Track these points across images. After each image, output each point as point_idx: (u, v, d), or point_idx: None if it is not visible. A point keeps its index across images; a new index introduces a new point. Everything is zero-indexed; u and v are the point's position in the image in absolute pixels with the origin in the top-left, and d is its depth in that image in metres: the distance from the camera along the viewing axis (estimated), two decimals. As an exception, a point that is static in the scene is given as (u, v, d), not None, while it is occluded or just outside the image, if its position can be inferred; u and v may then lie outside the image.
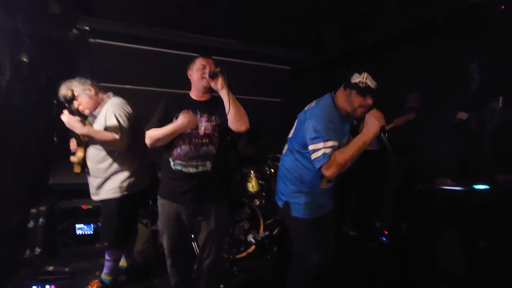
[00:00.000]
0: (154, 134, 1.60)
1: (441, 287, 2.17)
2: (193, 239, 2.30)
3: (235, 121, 1.58)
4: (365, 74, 1.53)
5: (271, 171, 3.02)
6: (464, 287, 2.05)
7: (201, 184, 1.65)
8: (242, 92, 3.60)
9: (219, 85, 1.56)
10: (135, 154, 1.98)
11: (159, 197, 1.74)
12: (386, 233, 2.99)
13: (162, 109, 1.66)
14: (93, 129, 1.84)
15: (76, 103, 1.86)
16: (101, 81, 2.52)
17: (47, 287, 2.09)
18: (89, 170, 1.95)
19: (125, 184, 1.93)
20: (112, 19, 2.88)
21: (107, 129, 1.83)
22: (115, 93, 2.04)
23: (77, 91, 1.86)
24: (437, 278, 2.22)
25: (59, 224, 2.49)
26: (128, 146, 1.89)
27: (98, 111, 1.93)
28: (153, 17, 2.96)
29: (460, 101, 2.34)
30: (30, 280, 2.17)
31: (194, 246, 2.33)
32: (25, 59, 2.34)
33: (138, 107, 2.04)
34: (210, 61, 1.69)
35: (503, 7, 2.01)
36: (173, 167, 1.65)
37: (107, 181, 1.92)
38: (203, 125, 1.64)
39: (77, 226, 2.53)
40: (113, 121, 1.84)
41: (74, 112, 1.76)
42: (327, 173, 1.49)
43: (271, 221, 2.81)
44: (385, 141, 1.48)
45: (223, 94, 1.57)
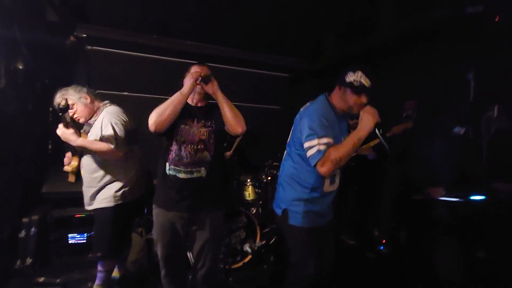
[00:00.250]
0: (158, 109, 1.55)
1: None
2: (188, 249, 2.26)
3: (231, 123, 1.59)
4: (360, 72, 1.53)
5: (268, 179, 2.99)
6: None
7: (196, 191, 1.63)
8: (240, 99, 3.61)
9: (212, 88, 1.57)
10: (131, 162, 1.96)
11: (154, 205, 1.71)
12: (384, 241, 2.97)
13: None
14: (88, 140, 1.82)
15: (71, 112, 1.85)
16: (98, 88, 2.52)
17: (38, 299, 2.04)
18: (83, 179, 1.92)
19: (120, 193, 1.90)
20: (109, 26, 2.88)
21: (103, 138, 1.81)
22: (113, 100, 2.03)
23: (73, 99, 1.85)
24: (436, 287, 2.18)
25: (52, 233, 2.45)
26: (124, 154, 1.87)
27: (94, 120, 1.91)
28: (151, 25, 2.97)
29: (457, 110, 2.36)
30: (20, 291, 2.12)
31: (189, 255, 2.29)
32: (21, 66, 2.33)
33: (135, 115, 2.02)
34: (204, 68, 1.70)
35: (497, 19, 2.04)
36: (168, 172, 1.63)
37: (101, 191, 1.89)
38: (199, 130, 1.63)
39: (70, 235, 2.48)
40: (109, 130, 1.82)
41: (68, 122, 1.74)
42: (322, 169, 1.47)
43: (268, 230, 2.78)
44: (380, 137, 1.48)
45: (217, 97, 1.58)
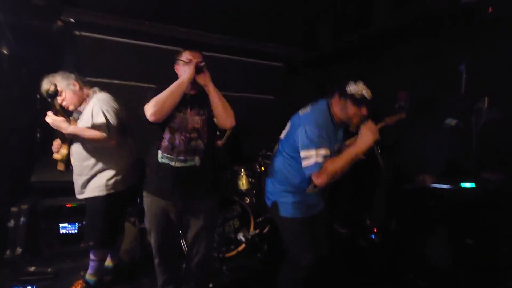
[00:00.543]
0: (157, 97, 1.46)
1: (429, 284, 2.21)
2: (182, 237, 2.26)
3: (220, 118, 1.57)
4: (361, 84, 1.54)
5: (262, 169, 3.00)
6: (451, 283, 2.09)
7: (189, 179, 1.61)
8: (234, 88, 3.60)
9: (204, 80, 1.53)
10: (122, 151, 1.93)
11: (145, 193, 1.68)
12: (375, 230, 3.03)
13: (154, 96, 1.52)
14: (80, 128, 1.77)
15: (59, 99, 1.79)
16: (87, 75, 2.44)
17: (29, 288, 2.01)
18: (74, 167, 1.88)
19: (112, 181, 1.87)
20: (99, 11, 2.77)
21: (94, 126, 1.76)
22: (102, 88, 1.97)
23: (61, 86, 1.79)
24: (425, 275, 2.24)
25: (42, 223, 2.40)
26: (117, 142, 1.83)
27: (83, 107, 1.86)
28: (142, 10, 2.88)
29: (449, 101, 2.38)
30: (10, 281, 2.09)
31: (182, 244, 2.30)
32: (6, 52, 2.24)
33: (125, 103, 1.97)
34: (196, 54, 1.62)
35: (490, 10, 2.04)
36: (160, 160, 1.59)
37: (93, 179, 1.86)
38: (192, 118, 1.60)
39: (61, 225, 2.45)
40: (100, 118, 1.77)
41: (57, 109, 1.68)
42: (317, 181, 1.49)
43: (261, 219, 2.80)
44: (378, 155, 1.50)
45: (208, 89, 1.54)
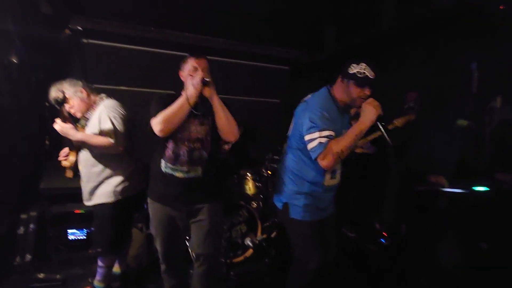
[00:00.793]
0: (165, 114, 1.45)
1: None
2: (189, 243, 2.24)
3: (224, 131, 1.56)
4: (363, 64, 1.50)
5: (268, 173, 2.97)
6: (464, 288, 2.03)
7: (192, 188, 1.60)
8: (239, 92, 3.59)
9: (209, 92, 1.49)
10: (130, 157, 1.93)
11: (149, 199, 1.68)
12: (385, 234, 2.96)
13: (159, 106, 1.52)
14: (88, 135, 1.79)
15: (67, 106, 1.81)
16: (94, 82, 2.47)
17: (38, 295, 2.02)
18: (82, 174, 1.89)
19: (119, 188, 1.87)
20: (105, 18, 2.81)
21: (101, 132, 1.77)
22: (109, 94, 1.98)
23: (68, 93, 1.81)
24: (437, 279, 2.19)
25: (51, 229, 2.42)
26: (124, 148, 1.84)
27: (90, 114, 1.88)
28: (148, 17, 2.90)
29: (459, 101, 2.32)
30: (20, 288, 2.11)
31: (190, 250, 2.28)
32: (15, 60, 2.28)
33: (132, 109, 1.98)
34: (202, 61, 1.58)
35: (502, 7, 1.99)
36: (164, 170, 1.59)
37: (100, 186, 1.86)
38: (196, 128, 1.58)
39: (69, 231, 2.46)
40: (108, 124, 1.78)
41: (65, 117, 1.70)
42: (323, 163, 1.46)
43: (268, 223, 2.77)
44: (382, 130, 1.46)
45: (213, 102, 1.51)
